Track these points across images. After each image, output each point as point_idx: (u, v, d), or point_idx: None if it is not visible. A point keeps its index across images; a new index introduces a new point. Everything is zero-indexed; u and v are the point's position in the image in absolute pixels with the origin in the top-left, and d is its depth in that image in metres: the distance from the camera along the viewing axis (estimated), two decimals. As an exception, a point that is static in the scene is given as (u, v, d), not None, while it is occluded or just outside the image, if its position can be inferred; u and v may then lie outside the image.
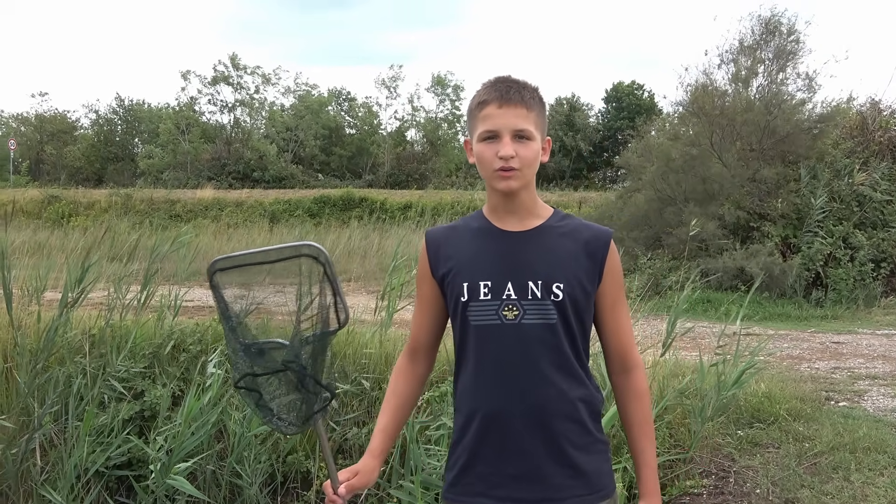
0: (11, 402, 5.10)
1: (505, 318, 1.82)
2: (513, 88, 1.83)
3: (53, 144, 42.66)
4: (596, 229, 1.90)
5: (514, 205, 1.88)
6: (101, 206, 25.64)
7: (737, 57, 14.21)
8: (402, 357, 2.08)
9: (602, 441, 1.91)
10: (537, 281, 1.82)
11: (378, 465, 1.96)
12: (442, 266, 1.93)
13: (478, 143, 1.85)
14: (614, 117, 41.59)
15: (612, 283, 1.88)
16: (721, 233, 12.13)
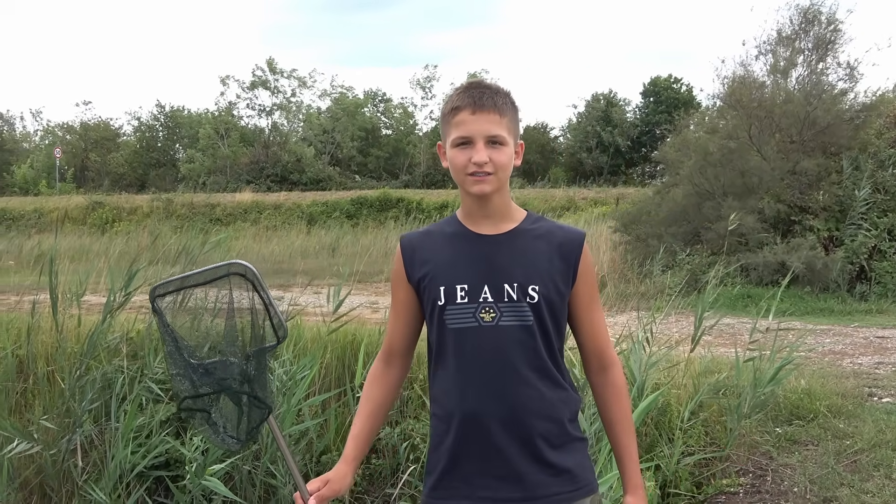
0: (54, 403, 5.22)
1: (482, 321, 1.84)
2: (486, 94, 1.84)
3: (97, 152, 43.56)
4: (569, 231, 1.93)
5: (487, 209, 1.89)
6: (144, 212, 26.13)
7: (775, 47, 13.94)
8: (376, 362, 2.07)
9: (581, 439, 1.93)
10: (513, 283, 1.84)
11: (351, 471, 1.96)
12: (417, 271, 1.93)
13: (451, 149, 1.86)
14: (652, 112, 41.12)
15: (585, 284, 1.91)
16: (761, 227, 11.91)
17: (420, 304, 1.95)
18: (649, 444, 4.26)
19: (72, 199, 29.12)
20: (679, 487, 4.10)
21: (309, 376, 4.75)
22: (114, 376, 5.10)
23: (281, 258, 17.66)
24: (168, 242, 8.57)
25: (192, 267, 5.78)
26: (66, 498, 4.88)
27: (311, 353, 4.98)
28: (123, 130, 46.17)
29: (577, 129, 42.32)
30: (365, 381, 2.07)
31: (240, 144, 38.47)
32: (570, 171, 40.06)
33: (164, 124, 44.84)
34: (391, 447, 4.86)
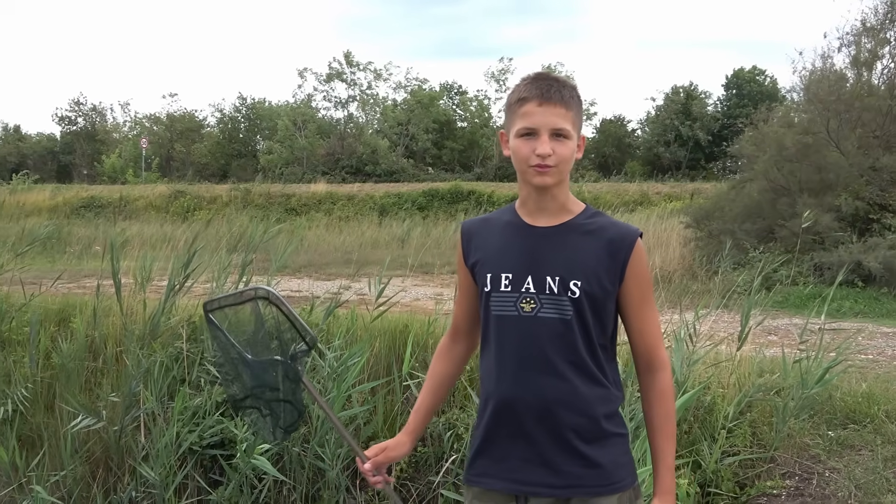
0: (121, 382, 5.50)
1: (522, 311, 1.88)
2: (553, 87, 1.86)
3: (182, 142, 45.05)
4: (622, 229, 1.91)
5: (544, 200, 1.92)
6: (223, 201, 26.91)
7: (858, 38, 13.42)
8: (444, 337, 2.21)
9: (618, 434, 1.92)
10: (555, 277, 1.87)
11: (409, 440, 2.12)
12: (472, 256, 2.02)
13: (515, 139, 1.88)
14: (735, 105, 40.02)
15: (635, 284, 1.89)
16: (837, 225, 11.51)
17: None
18: (691, 441, 4.21)
19: (156, 188, 30.23)
20: (720, 487, 4.04)
21: (359, 363, 4.87)
22: (175, 358, 5.34)
23: (351, 248, 17.96)
24: (232, 230, 8.86)
25: (253, 255, 5.99)
26: (128, 472, 5.14)
27: (361, 341, 5.10)
28: (207, 122, 47.63)
29: (656, 122, 41.55)
30: (433, 357, 2.21)
31: (316, 136, 39.19)
32: (647, 165, 39.38)
33: (246, 116, 46.00)
34: (436, 435, 4.94)
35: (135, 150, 42.38)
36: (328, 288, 8.45)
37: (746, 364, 4.83)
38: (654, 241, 15.02)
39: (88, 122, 48.32)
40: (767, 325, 8.42)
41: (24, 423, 5.68)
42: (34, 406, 5.80)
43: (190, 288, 6.02)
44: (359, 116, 42.23)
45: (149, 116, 48.31)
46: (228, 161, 43.59)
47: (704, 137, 39.30)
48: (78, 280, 9.27)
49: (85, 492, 5.16)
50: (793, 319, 8.96)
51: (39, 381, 5.85)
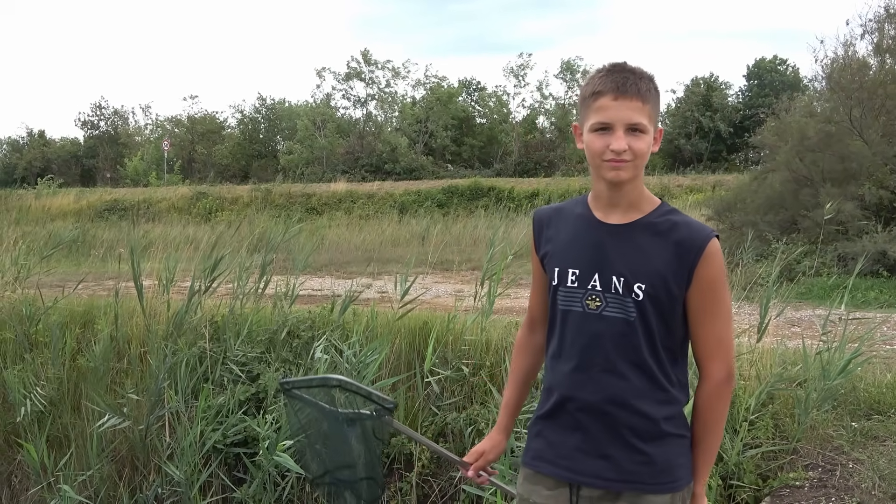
0: (146, 382, 5.57)
1: (587, 308, 1.86)
2: (629, 80, 1.80)
3: (203, 144, 45.38)
4: (694, 231, 1.83)
5: (618, 196, 1.87)
6: (244, 201, 27.11)
7: (881, 25, 13.23)
8: (521, 329, 2.20)
9: (677, 435, 1.89)
10: (620, 277, 1.83)
11: (504, 438, 2.15)
12: (543, 246, 2.01)
13: (589, 133, 1.83)
14: (756, 95, 39.62)
15: (699, 289, 1.82)
16: (861, 214, 11.37)
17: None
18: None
19: (178, 189, 30.51)
20: (743, 480, 4.02)
21: (377, 360, 4.89)
22: (199, 358, 5.40)
23: (372, 246, 18.02)
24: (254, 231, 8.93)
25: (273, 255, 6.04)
26: (153, 471, 5.21)
27: (381, 337, 5.12)
28: (228, 123, 47.97)
29: (676, 114, 41.24)
30: (513, 350, 2.22)
31: (336, 135, 39.33)
32: (668, 157, 39.09)
33: (266, 116, 46.28)
34: (458, 431, 4.96)
35: (157, 152, 42.79)
36: (349, 286, 8.50)
37: (768, 356, 4.79)
38: (675, 234, 14.93)
39: (111, 126, 48.84)
40: (791, 317, 8.36)
41: (52, 424, 5.78)
42: (61, 407, 5.90)
43: (215, 289, 6.08)
44: (378, 115, 42.32)
45: (170, 119, 48.78)
46: (249, 162, 43.87)
47: (725, 129, 38.95)
48: (102, 282, 9.39)
49: (112, 490, 5.25)
50: (816, 310, 8.88)
51: (66, 382, 5.95)
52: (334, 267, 14.45)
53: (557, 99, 42.52)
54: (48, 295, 7.23)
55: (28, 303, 6.52)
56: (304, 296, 8.76)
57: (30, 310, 6.42)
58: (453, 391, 5.16)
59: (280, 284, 6.18)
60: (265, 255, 6.05)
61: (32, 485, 5.30)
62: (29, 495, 5.49)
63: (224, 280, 6.29)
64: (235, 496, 4.94)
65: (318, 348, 4.94)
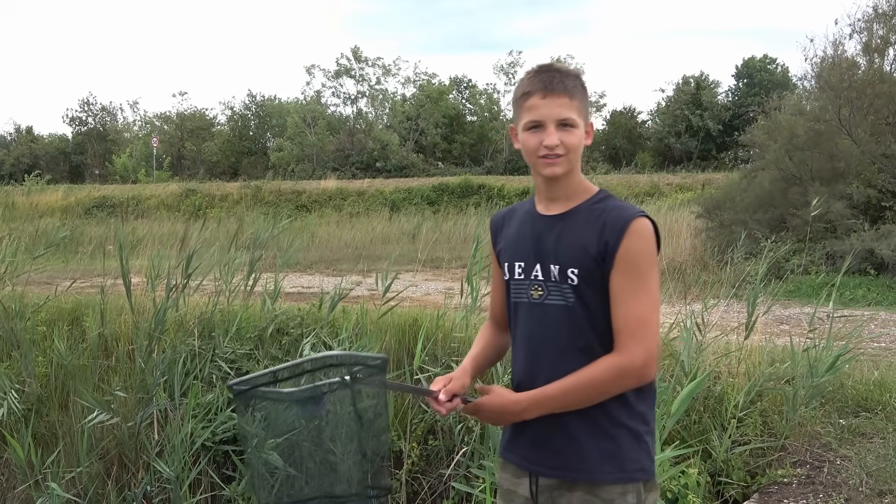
0: (133, 380, 5.54)
1: (532, 298, 1.94)
2: (556, 78, 1.87)
3: (193, 141, 45.23)
4: (619, 212, 1.86)
5: (555, 189, 1.94)
6: (234, 199, 27.04)
7: (870, 25, 13.31)
8: (485, 324, 2.24)
9: (627, 427, 1.88)
10: (557, 265, 1.90)
11: (467, 378, 2.05)
12: (497, 245, 2.10)
13: (523, 132, 1.91)
14: (745, 94, 39.79)
15: (619, 269, 1.83)
16: (849, 213, 11.43)
17: None
18: (701, 430, 4.21)
19: (167, 186, 30.39)
20: (731, 476, 4.04)
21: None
22: (186, 355, 5.37)
23: (362, 244, 17.99)
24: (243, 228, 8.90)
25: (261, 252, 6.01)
26: (142, 468, 5.19)
27: (370, 334, 5.12)
28: (217, 120, 47.81)
29: (666, 113, 41.40)
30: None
31: (326, 132, 39.27)
32: (657, 156, 39.26)
33: (256, 113, 46.15)
34: (447, 429, 4.96)
35: (146, 149, 42.61)
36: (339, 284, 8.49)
37: (756, 353, 4.81)
38: (665, 232, 14.93)
39: (99, 123, 48.62)
40: (779, 315, 8.40)
41: (39, 421, 5.74)
42: (49, 404, 5.87)
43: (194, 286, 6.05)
44: (368, 112, 42.31)
45: (159, 115, 48.65)
46: (239, 159, 43.75)
47: (715, 127, 39.12)
48: (90, 279, 9.34)
49: (100, 488, 5.22)
50: (804, 308, 8.91)
51: (53, 380, 5.91)
52: (324, 264, 14.42)
53: (548, 97, 42.51)
54: (36, 292, 7.18)
55: (16, 299, 6.47)
56: (293, 293, 8.74)
57: (18, 306, 6.37)
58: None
59: (269, 281, 6.16)
60: (253, 251, 6.02)
61: (19, 483, 5.27)
62: (16, 493, 5.45)
63: (212, 277, 6.27)
64: (224, 494, 4.92)
65: (307, 345, 4.92)
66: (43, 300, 6.61)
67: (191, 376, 5.28)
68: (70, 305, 6.78)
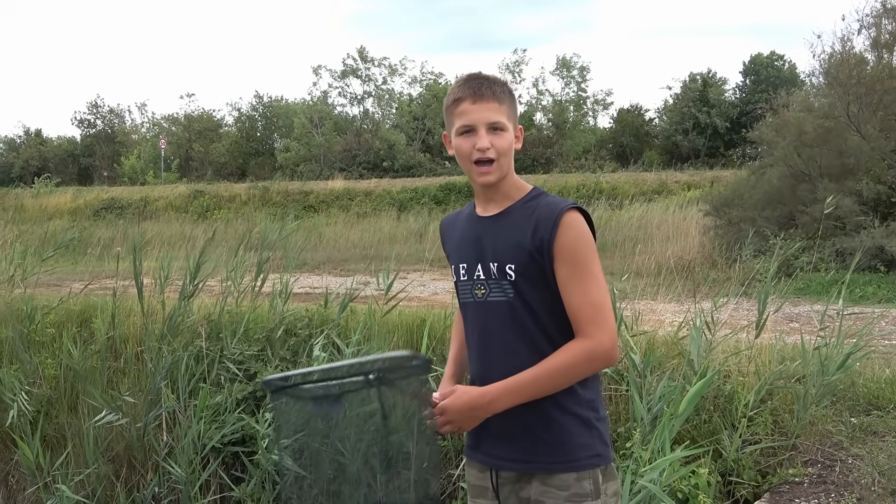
0: (143, 382, 5.55)
1: (476, 297, 2.01)
2: (484, 84, 1.96)
3: (201, 142, 45.33)
4: (551, 206, 1.92)
5: (491, 192, 2.02)
6: (241, 199, 27.08)
7: (878, 20, 13.22)
8: (455, 321, 2.32)
9: (576, 415, 1.93)
10: (495, 262, 1.97)
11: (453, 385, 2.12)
12: (445, 248, 2.20)
13: (456, 137, 1.99)
14: (752, 91, 39.64)
15: (562, 259, 1.89)
16: (859, 209, 11.36)
17: None
18: (711, 430, 4.18)
19: (176, 188, 30.47)
20: (742, 476, 4.02)
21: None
22: (195, 357, 5.38)
23: (369, 244, 18.00)
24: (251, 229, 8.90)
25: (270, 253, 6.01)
26: (151, 470, 5.19)
27: (377, 335, 5.11)
28: (225, 121, 47.89)
29: (673, 110, 41.26)
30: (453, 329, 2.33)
31: (333, 133, 39.29)
32: (665, 154, 39.14)
33: (263, 114, 46.21)
34: (456, 429, 4.94)
35: (154, 150, 42.73)
36: (347, 284, 8.48)
37: (767, 352, 4.78)
38: (673, 230, 14.93)
39: (107, 125, 48.78)
40: (789, 313, 8.35)
41: (48, 424, 5.76)
42: (58, 406, 5.88)
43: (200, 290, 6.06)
44: (375, 112, 42.31)
45: (167, 117, 48.76)
46: (246, 160, 43.81)
47: (722, 124, 38.97)
48: (99, 280, 9.37)
49: (109, 490, 5.23)
50: (814, 306, 8.86)
51: (62, 382, 5.92)
52: (332, 265, 14.43)
53: (554, 95, 42.49)
54: (45, 294, 7.21)
55: (27, 301, 6.49)
56: (301, 294, 8.74)
57: (29, 308, 6.40)
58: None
59: (277, 282, 6.16)
60: (261, 252, 6.03)
61: (29, 485, 5.28)
62: (26, 495, 5.47)
63: (221, 278, 6.28)
64: (233, 495, 4.92)
65: (318, 346, 4.92)
66: (53, 303, 6.63)
67: (198, 378, 5.28)
68: (79, 307, 6.80)
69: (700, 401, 4.10)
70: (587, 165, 33.46)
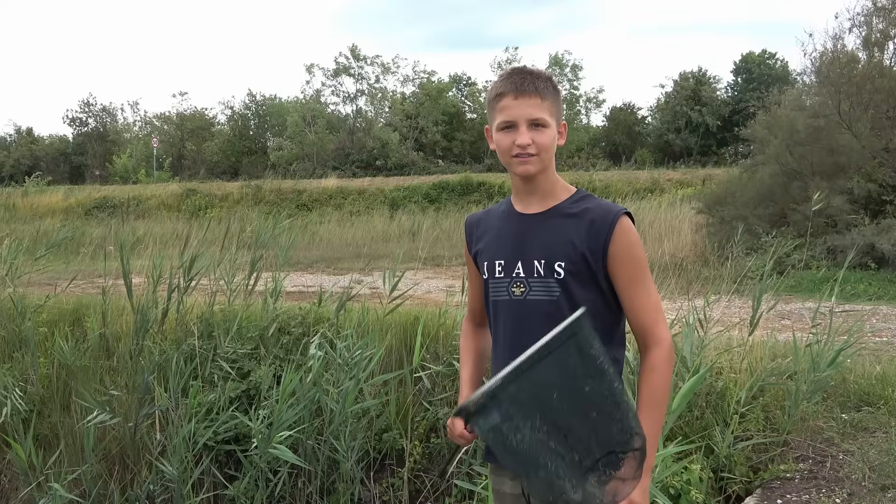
0: (135, 380, 5.54)
1: (513, 295, 1.97)
2: (527, 80, 1.93)
3: (193, 141, 45.18)
4: (605, 209, 1.92)
5: (532, 188, 1.99)
6: (234, 198, 27.02)
7: (869, 19, 13.28)
8: (465, 322, 2.29)
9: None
10: (541, 260, 1.93)
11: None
12: (474, 246, 2.13)
13: (497, 132, 1.96)
14: (744, 89, 39.74)
15: (620, 262, 1.89)
16: (850, 207, 11.42)
17: None
18: (703, 426, 4.21)
19: (168, 187, 30.38)
20: (734, 472, 4.04)
21: (378, 354, 4.87)
22: (188, 355, 5.38)
23: (363, 242, 17.99)
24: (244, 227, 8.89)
25: (262, 252, 6.00)
26: (145, 468, 5.19)
27: (372, 334, 5.12)
28: (217, 120, 47.75)
29: (665, 109, 41.35)
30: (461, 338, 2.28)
31: (326, 131, 39.23)
32: (657, 152, 39.22)
33: (256, 113, 46.10)
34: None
35: (146, 149, 42.59)
36: (340, 282, 8.48)
37: (759, 349, 4.81)
38: (665, 228, 14.96)
39: (99, 123, 48.55)
40: (780, 310, 8.39)
41: (41, 422, 5.74)
42: (50, 405, 5.87)
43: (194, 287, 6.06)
44: (368, 111, 42.28)
45: (159, 116, 48.58)
46: (239, 158, 43.70)
47: (714, 123, 39.07)
48: (91, 279, 9.35)
49: (102, 489, 5.21)
50: (806, 303, 8.92)
51: (55, 381, 5.91)
52: (325, 263, 14.42)
53: (547, 94, 42.46)
54: (37, 293, 7.18)
55: (18, 300, 6.47)
56: (294, 292, 8.73)
57: (20, 307, 6.38)
58: (444, 386, 5.16)
59: (270, 281, 6.16)
60: (254, 251, 6.02)
61: (22, 484, 5.27)
62: (20, 496, 5.45)
63: (213, 277, 6.27)
64: (227, 493, 4.92)
65: (314, 344, 4.92)
66: (44, 300, 6.61)
67: (191, 376, 5.28)
68: (71, 306, 6.78)
69: (692, 397, 4.12)
70: (580, 164, 33.51)
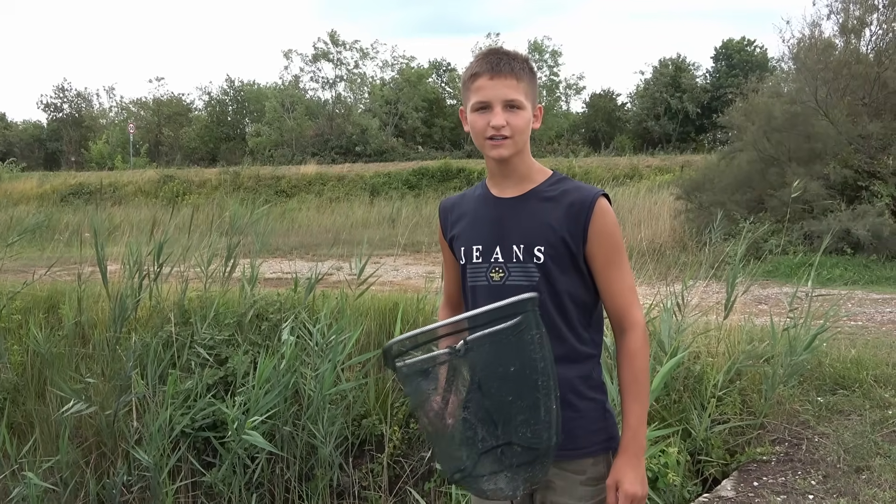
0: (112, 367, 5.48)
1: (492, 280, 1.93)
2: (503, 60, 1.89)
3: (170, 127, 44.69)
4: (584, 191, 1.90)
5: (507, 171, 1.95)
6: (212, 185, 26.79)
7: (846, 5, 13.35)
8: (441, 307, 2.27)
9: (591, 398, 1.92)
10: (520, 244, 1.90)
11: None
12: (449, 231, 2.09)
13: (471, 113, 1.92)
14: (724, 76, 39.90)
15: (599, 244, 1.88)
16: (826, 193, 11.52)
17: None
18: (680, 409, 4.23)
19: (145, 173, 30.06)
20: (711, 455, 4.07)
21: (353, 337, 4.84)
22: (165, 342, 5.32)
23: (342, 229, 17.92)
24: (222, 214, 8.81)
25: (240, 238, 5.95)
26: (121, 457, 5.14)
27: (347, 317, 5.09)
28: (195, 105, 47.25)
29: (645, 95, 41.43)
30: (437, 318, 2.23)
31: (305, 117, 38.95)
32: (636, 138, 39.33)
33: (234, 98, 45.66)
34: (428, 412, 4.95)
35: (122, 135, 42.08)
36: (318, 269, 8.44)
37: (736, 333, 4.84)
38: (644, 214, 15.02)
39: (74, 109, 47.87)
40: (758, 294, 8.46)
41: (14, 411, 5.67)
42: (25, 393, 5.79)
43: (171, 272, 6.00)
44: (347, 96, 42.01)
45: (135, 101, 47.94)
46: (217, 145, 43.31)
47: (693, 109, 39.21)
48: (67, 266, 9.23)
49: (79, 477, 5.16)
50: (783, 288, 9.00)
51: (29, 368, 5.84)
52: (304, 249, 14.35)
53: (527, 80, 42.40)
54: (11, 281, 7.08)
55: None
56: (272, 279, 8.68)
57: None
58: (424, 372, 5.14)
59: (247, 267, 6.11)
60: (231, 237, 5.97)
61: (-4, 473, 5.20)
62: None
63: (189, 263, 6.21)
64: (205, 480, 4.89)
65: (286, 330, 4.89)
66: (19, 287, 6.52)
67: (168, 363, 5.23)
68: (46, 293, 6.69)
69: (670, 381, 4.15)
70: (560, 150, 33.52)
